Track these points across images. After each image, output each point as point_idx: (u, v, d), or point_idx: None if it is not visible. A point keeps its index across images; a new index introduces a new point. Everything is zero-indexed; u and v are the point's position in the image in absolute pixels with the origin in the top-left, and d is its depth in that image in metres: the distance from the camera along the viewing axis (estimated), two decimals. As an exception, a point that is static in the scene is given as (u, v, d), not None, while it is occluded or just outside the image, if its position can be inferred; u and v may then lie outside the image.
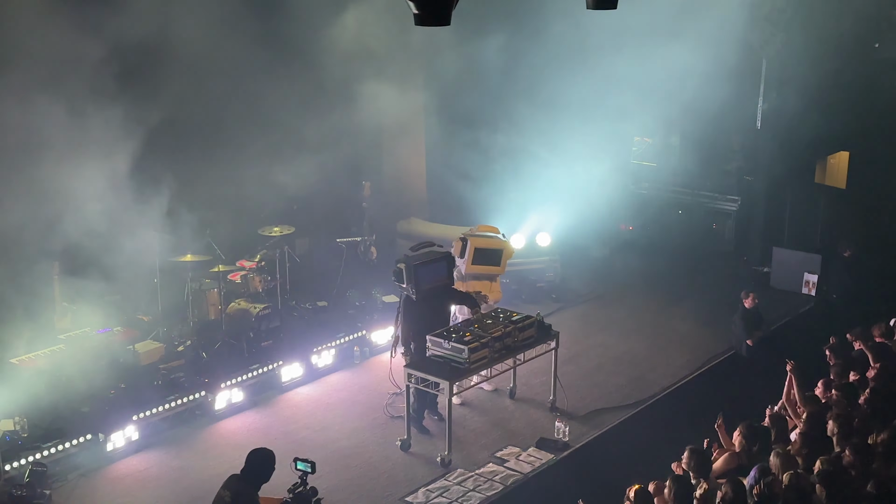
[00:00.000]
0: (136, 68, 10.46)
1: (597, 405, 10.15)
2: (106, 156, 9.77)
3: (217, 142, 11.71)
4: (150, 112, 10.21)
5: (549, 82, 14.99)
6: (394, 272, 9.40)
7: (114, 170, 9.87)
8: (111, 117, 9.65)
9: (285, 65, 11.79)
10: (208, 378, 10.08)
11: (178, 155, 11.00)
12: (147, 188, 10.15)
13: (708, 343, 11.69)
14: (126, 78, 10.06)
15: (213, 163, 11.29)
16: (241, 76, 11.78)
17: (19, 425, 8.85)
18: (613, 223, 15.14)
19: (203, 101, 11.07)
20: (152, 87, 10.56)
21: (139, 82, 10.50)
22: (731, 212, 14.53)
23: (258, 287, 11.08)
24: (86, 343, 9.75)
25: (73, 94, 9.39)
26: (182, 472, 8.94)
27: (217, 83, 11.31)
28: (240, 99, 11.84)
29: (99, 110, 9.54)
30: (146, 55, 10.49)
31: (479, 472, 8.90)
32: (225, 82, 11.52)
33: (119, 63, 9.91)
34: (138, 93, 10.19)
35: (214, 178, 11.20)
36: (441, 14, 4.90)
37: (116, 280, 10.39)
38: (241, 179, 11.62)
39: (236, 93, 11.79)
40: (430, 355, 9.16)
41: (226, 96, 11.61)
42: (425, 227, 13.50)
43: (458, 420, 9.64)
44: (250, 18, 11.33)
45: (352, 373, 11.00)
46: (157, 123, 10.33)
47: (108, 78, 9.72)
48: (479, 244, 10.38)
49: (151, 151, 10.32)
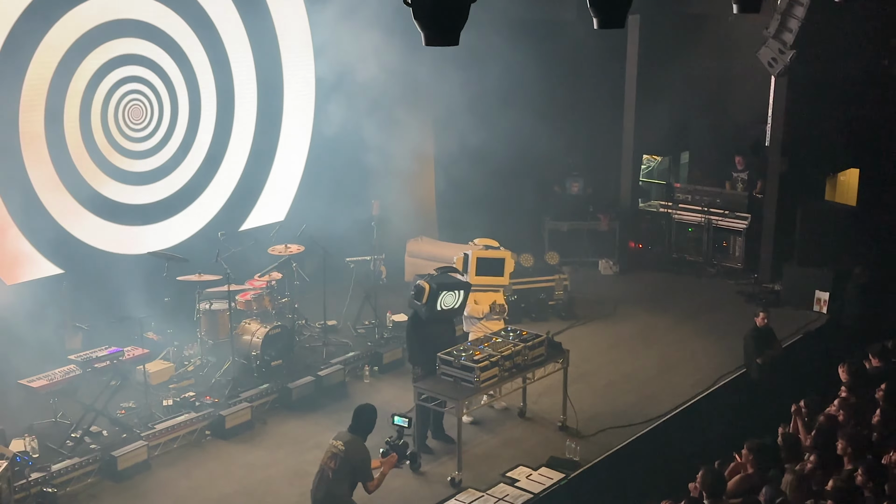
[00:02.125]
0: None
1: (607, 424, 10.10)
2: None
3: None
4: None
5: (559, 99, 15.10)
6: (414, 288, 9.39)
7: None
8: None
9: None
10: (218, 398, 10.09)
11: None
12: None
13: (718, 361, 11.64)
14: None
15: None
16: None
17: (30, 446, 8.87)
18: (623, 241, 15.14)
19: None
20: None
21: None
22: (740, 229, 14.52)
23: (268, 306, 11.10)
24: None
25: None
26: (192, 492, 8.93)
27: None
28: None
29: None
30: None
31: (490, 493, 8.85)
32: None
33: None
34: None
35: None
36: (449, 34, 4.95)
37: (128, 300, 10.45)
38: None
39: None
40: (440, 374, 9.15)
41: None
42: (435, 247, 13.50)
43: (468, 439, 9.61)
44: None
45: (361, 391, 10.99)
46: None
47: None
48: (480, 254, 10.36)
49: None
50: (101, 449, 9.09)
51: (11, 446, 8.77)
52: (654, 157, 15.67)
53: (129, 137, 11.49)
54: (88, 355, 9.56)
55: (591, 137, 15.46)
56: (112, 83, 11.20)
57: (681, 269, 14.90)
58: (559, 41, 14.50)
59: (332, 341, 11.63)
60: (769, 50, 13.03)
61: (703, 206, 14.77)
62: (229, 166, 12.80)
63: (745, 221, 14.44)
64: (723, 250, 14.76)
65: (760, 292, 13.78)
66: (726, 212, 14.64)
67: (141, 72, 11.51)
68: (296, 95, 13.41)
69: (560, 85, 14.88)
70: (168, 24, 11.71)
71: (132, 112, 11.46)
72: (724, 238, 14.70)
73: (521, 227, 14.76)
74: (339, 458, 7.44)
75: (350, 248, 12.61)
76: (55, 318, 10.42)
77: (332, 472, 7.45)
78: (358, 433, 7.61)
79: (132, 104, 11.45)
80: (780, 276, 13.83)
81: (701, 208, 14.79)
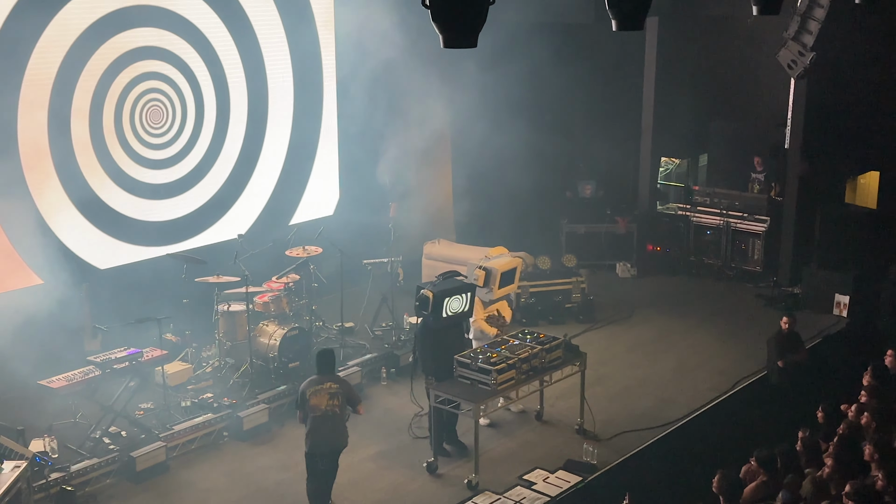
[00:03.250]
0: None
1: (625, 427, 10.07)
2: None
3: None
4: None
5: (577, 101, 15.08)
6: (418, 299, 9.39)
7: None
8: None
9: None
10: (236, 399, 10.13)
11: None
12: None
13: (736, 365, 11.57)
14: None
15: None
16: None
17: (49, 446, 8.93)
18: (641, 244, 15.09)
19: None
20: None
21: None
22: (759, 232, 14.44)
23: (286, 308, 11.12)
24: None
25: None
26: (210, 493, 8.96)
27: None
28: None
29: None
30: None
31: (507, 496, 8.84)
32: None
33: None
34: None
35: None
36: (467, 37, 4.95)
37: (147, 301, 10.50)
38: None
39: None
40: (457, 376, 9.15)
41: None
42: (452, 249, 13.51)
43: (485, 442, 9.60)
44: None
45: (378, 393, 11.00)
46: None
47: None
48: (503, 269, 10.40)
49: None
50: (119, 450, 9.13)
51: (31, 447, 8.83)
52: (672, 159, 15.62)
53: (147, 144, 11.30)
54: (108, 356, 9.62)
55: (609, 140, 15.42)
56: (127, 81, 10.86)
57: (699, 272, 14.84)
58: (578, 44, 14.49)
59: (349, 343, 11.65)
60: (789, 52, 12.93)
61: (721, 209, 14.69)
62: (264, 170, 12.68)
63: (765, 224, 14.36)
64: (741, 253, 14.68)
65: (779, 296, 13.69)
66: (745, 214, 14.56)
67: (161, 67, 11.15)
68: (329, 89, 13.38)
69: (578, 87, 14.86)
70: (192, 13, 11.24)
71: (151, 115, 11.34)
72: (743, 241, 14.61)
73: (538, 229, 14.75)
74: (338, 395, 8.27)
75: (367, 250, 12.63)
76: (75, 320, 10.47)
77: (338, 409, 8.26)
78: (330, 372, 8.51)
79: (151, 106, 11.33)
80: (800, 279, 13.75)
81: (719, 211, 14.71)
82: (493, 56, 11.96)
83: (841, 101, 13.55)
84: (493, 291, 10.28)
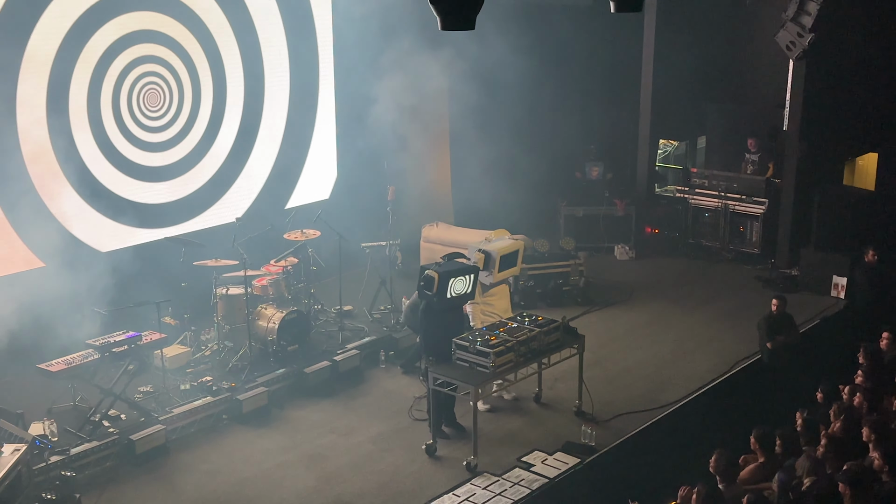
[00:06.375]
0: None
1: (623, 409, 10.10)
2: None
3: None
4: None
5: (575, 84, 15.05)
6: (423, 279, 9.40)
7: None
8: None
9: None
10: (235, 382, 10.15)
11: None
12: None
13: (734, 347, 11.60)
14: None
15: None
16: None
17: (49, 430, 8.95)
18: (639, 226, 15.10)
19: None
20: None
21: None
22: (758, 214, 14.44)
23: (284, 291, 11.13)
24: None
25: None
26: (209, 476, 9.00)
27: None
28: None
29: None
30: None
31: (506, 477, 8.89)
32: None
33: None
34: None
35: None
36: (465, 19, 4.95)
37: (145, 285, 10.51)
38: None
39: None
40: (455, 359, 9.17)
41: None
42: (451, 232, 13.52)
43: (484, 425, 9.63)
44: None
45: (377, 376, 11.03)
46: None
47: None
48: (503, 252, 10.39)
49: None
50: (119, 433, 9.16)
51: (31, 430, 8.86)
52: (670, 141, 15.60)
53: (145, 127, 11.34)
54: (106, 340, 9.62)
55: (607, 122, 15.40)
56: (124, 65, 10.90)
57: (697, 254, 14.84)
58: (576, 26, 14.44)
59: (347, 326, 11.65)
60: (787, 33, 12.93)
61: (719, 191, 14.68)
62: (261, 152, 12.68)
63: (763, 206, 14.36)
64: (740, 235, 14.68)
65: (777, 277, 13.71)
66: (743, 196, 14.55)
67: (158, 50, 11.18)
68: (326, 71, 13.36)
69: (577, 70, 14.82)
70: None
71: (149, 98, 11.36)
72: (741, 223, 14.61)
73: (536, 212, 14.74)
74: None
75: (366, 233, 12.63)
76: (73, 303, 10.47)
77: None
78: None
79: (148, 89, 11.33)
80: (798, 261, 13.76)
81: (718, 193, 14.70)
82: (493, 39, 11.93)
83: (839, 82, 13.53)
84: (493, 275, 10.29)
